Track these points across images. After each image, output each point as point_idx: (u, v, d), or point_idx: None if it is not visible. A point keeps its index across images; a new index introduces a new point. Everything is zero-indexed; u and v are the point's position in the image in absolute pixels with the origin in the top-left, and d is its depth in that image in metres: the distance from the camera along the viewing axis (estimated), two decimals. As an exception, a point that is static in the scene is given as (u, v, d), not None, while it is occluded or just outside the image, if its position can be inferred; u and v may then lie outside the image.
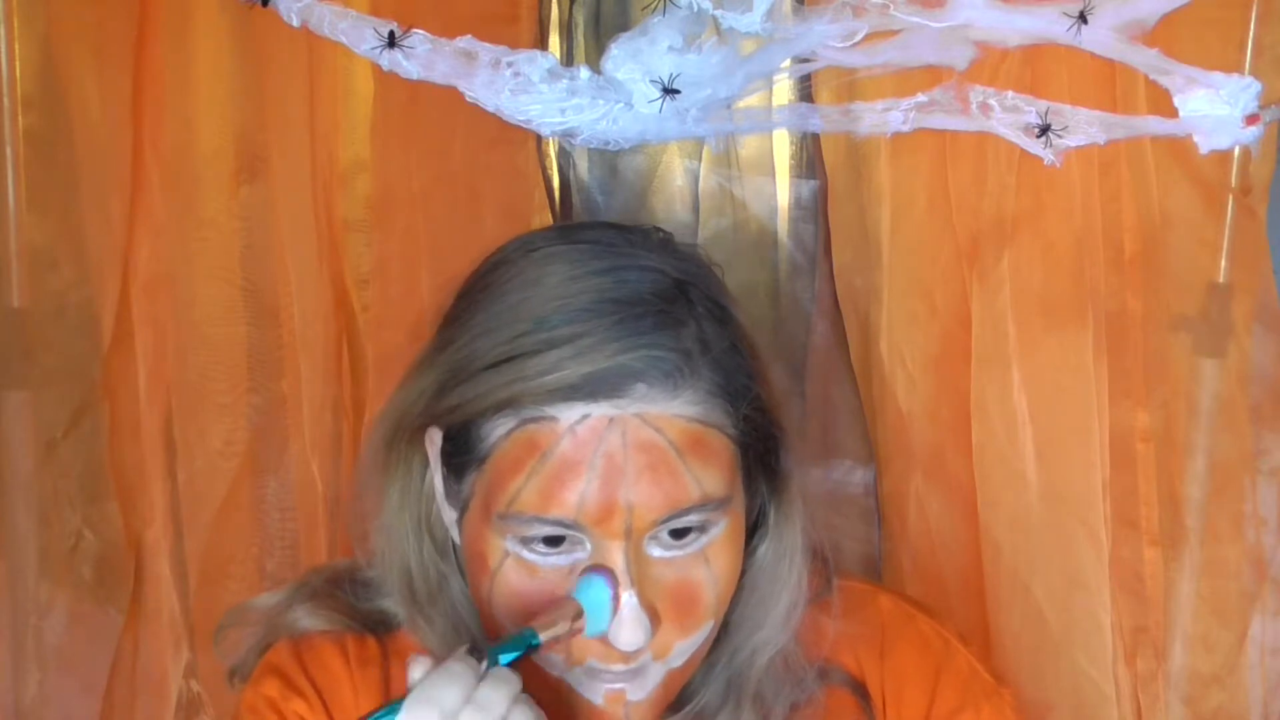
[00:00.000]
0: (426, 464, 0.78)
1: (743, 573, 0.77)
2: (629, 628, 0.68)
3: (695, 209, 1.25)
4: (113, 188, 1.14)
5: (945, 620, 0.85)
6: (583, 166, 1.24)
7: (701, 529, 0.70)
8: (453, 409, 0.72)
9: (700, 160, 1.24)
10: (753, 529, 0.77)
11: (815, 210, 1.23)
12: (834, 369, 1.24)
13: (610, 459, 0.67)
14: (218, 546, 1.21)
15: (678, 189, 1.25)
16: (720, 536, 0.71)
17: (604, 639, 0.69)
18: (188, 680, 1.21)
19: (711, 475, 0.69)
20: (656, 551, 0.70)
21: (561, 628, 0.68)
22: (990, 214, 1.13)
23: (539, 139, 1.18)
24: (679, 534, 0.70)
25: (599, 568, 0.69)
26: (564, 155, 1.23)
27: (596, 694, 0.72)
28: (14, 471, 1.17)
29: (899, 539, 1.20)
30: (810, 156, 1.23)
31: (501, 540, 0.71)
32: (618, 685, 0.72)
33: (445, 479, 0.76)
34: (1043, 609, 1.14)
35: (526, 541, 0.70)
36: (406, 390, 0.76)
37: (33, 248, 1.16)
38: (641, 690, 0.72)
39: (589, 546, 0.70)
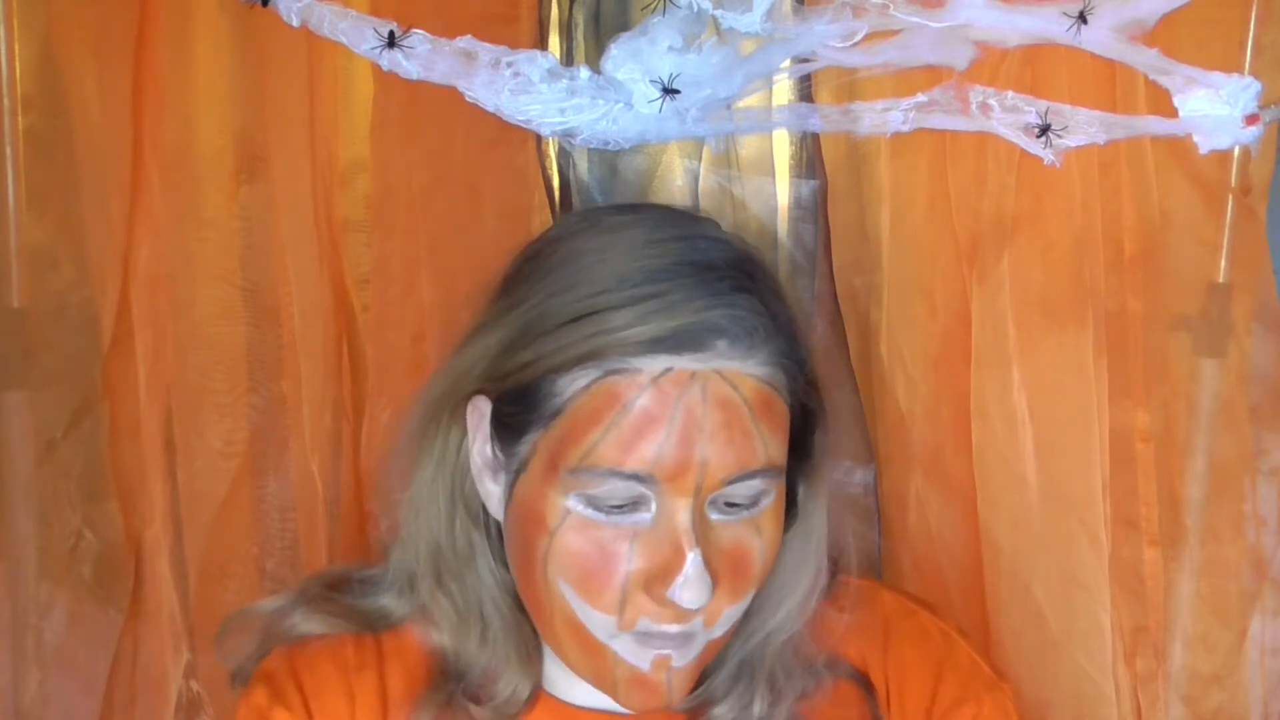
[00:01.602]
0: (464, 436, 0.78)
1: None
2: (694, 586, 0.69)
3: (695, 209, 1.25)
4: (113, 188, 1.14)
5: (946, 615, 0.85)
6: (583, 166, 1.24)
7: (756, 501, 0.72)
8: (525, 365, 0.72)
9: (700, 160, 1.24)
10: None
11: (815, 210, 1.23)
12: (834, 369, 1.24)
13: (690, 413, 0.69)
14: (218, 546, 1.21)
15: (678, 189, 1.25)
16: (769, 506, 0.73)
17: (664, 599, 0.70)
18: (188, 680, 1.21)
19: (777, 440, 0.72)
20: (715, 516, 0.72)
21: None
22: (990, 214, 1.13)
23: (539, 139, 1.18)
24: (735, 503, 0.71)
25: None
26: (564, 155, 1.23)
27: (645, 660, 0.73)
28: (14, 471, 1.17)
29: (899, 539, 1.20)
30: (810, 156, 1.22)
31: (564, 499, 0.71)
32: (665, 650, 0.72)
33: (494, 445, 0.76)
34: (1043, 609, 1.14)
35: (593, 500, 0.71)
36: (465, 353, 0.77)
37: (33, 248, 1.16)
38: (686, 657, 0.73)
39: (654, 508, 0.71)
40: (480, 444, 0.77)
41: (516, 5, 1.15)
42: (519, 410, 0.74)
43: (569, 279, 0.73)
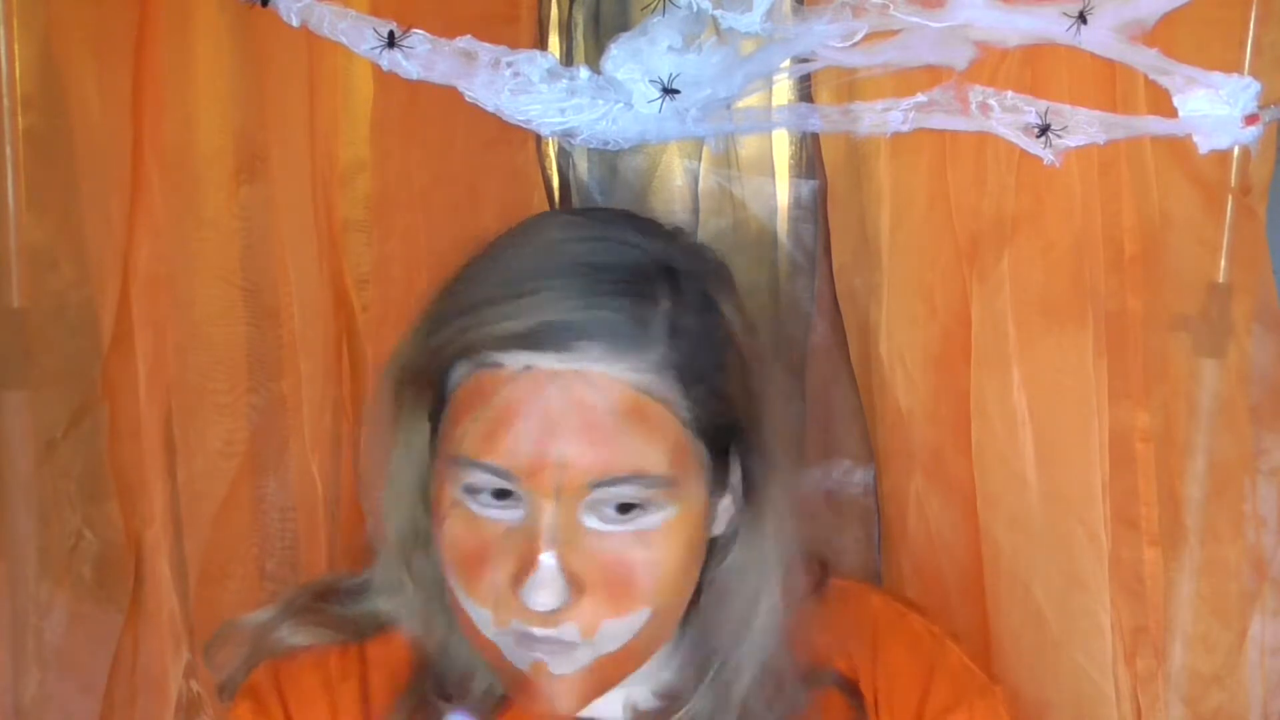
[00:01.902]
0: (428, 426, 0.78)
1: (715, 579, 0.77)
2: (542, 587, 0.68)
3: (695, 209, 1.25)
4: (113, 188, 1.14)
5: (937, 618, 0.85)
6: (583, 166, 1.24)
7: (642, 508, 0.70)
8: (431, 354, 0.74)
9: (700, 160, 1.24)
10: (732, 536, 0.77)
11: (815, 210, 1.23)
12: (834, 369, 1.24)
13: (546, 412, 0.68)
14: (218, 546, 1.21)
15: (677, 189, 1.25)
16: (665, 523, 0.71)
17: (522, 599, 0.70)
18: (188, 680, 1.21)
19: (652, 449, 0.69)
20: (593, 523, 0.70)
21: None
22: (990, 214, 1.12)
23: (539, 139, 1.18)
24: (624, 509, 0.70)
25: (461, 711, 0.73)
26: (564, 155, 1.23)
27: (524, 662, 0.72)
28: (14, 471, 1.17)
29: (899, 539, 1.20)
30: (810, 156, 1.22)
31: (453, 490, 0.72)
32: (540, 656, 0.71)
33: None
34: (1043, 609, 1.14)
35: (472, 491, 0.71)
36: (402, 342, 0.78)
37: (33, 248, 1.16)
38: (566, 666, 0.72)
39: (524, 505, 0.70)
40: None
41: (516, 5, 1.15)
42: (433, 398, 0.75)
43: (476, 272, 0.74)
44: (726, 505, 0.77)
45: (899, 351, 1.18)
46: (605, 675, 0.74)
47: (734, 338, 0.74)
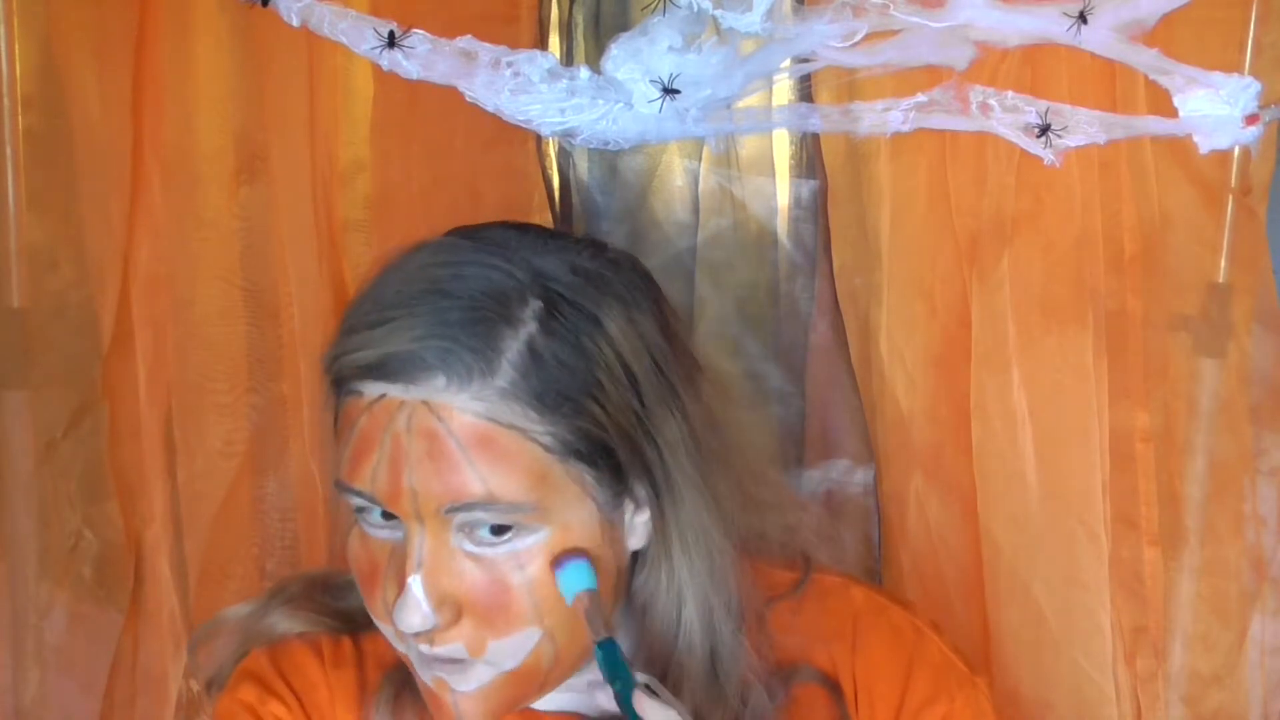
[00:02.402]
0: None
1: (633, 594, 0.77)
2: (404, 609, 0.70)
3: (695, 209, 1.25)
4: (113, 188, 1.14)
5: (918, 610, 0.84)
6: (583, 166, 1.24)
7: (515, 533, 0.70)
8: (323, 377, 0.76)
9: (700, 160, 1.24)
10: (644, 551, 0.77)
11: (815, 210, 1.23)
12: (834, 369, 1.24)
13: (396, 440, 0.70)
14: (218, 546, 1.21)
15: (678, 189, 1.25)
16: (538, 545, 0.71)
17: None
18: (188, 680, 1.21)
19: (502, 476, 0.69)
20: (467, 546, 0.71)
21: (594, 616, 0.71)
22: (990, 214, 1.13)
23: (539, 139, 1.18)
24: (498, 531, 0.70)
25: (572, 551, 0.71)
26: (564, 155, 1.23)
27: (428, 678, 0.73)
28: (14, 471, 1.17)
29: (899, 539, 1.20)
30: (810, 156, 1.23)
31: (350, 510, 0.74)
32: (439, 674, 0.73)
33: None
34: (1043, 609, 1.14)
35: (360, 511, 0.73)
36: None
37: (33, 248, 1.16)
38: (466, 684, 0.72)
39: (402, 528, 0.71)
40: None
41: (516, 5, 1.15)
42: None
43: (358, 298, 0.75)
44: (644, 520, 0.76)
45: (899, 351, 1.18)
46: (511, 694, 0.74)
47: (620, 356, 0.73)
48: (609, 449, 0.72)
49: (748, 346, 1.26)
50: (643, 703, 0.70)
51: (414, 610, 0.69)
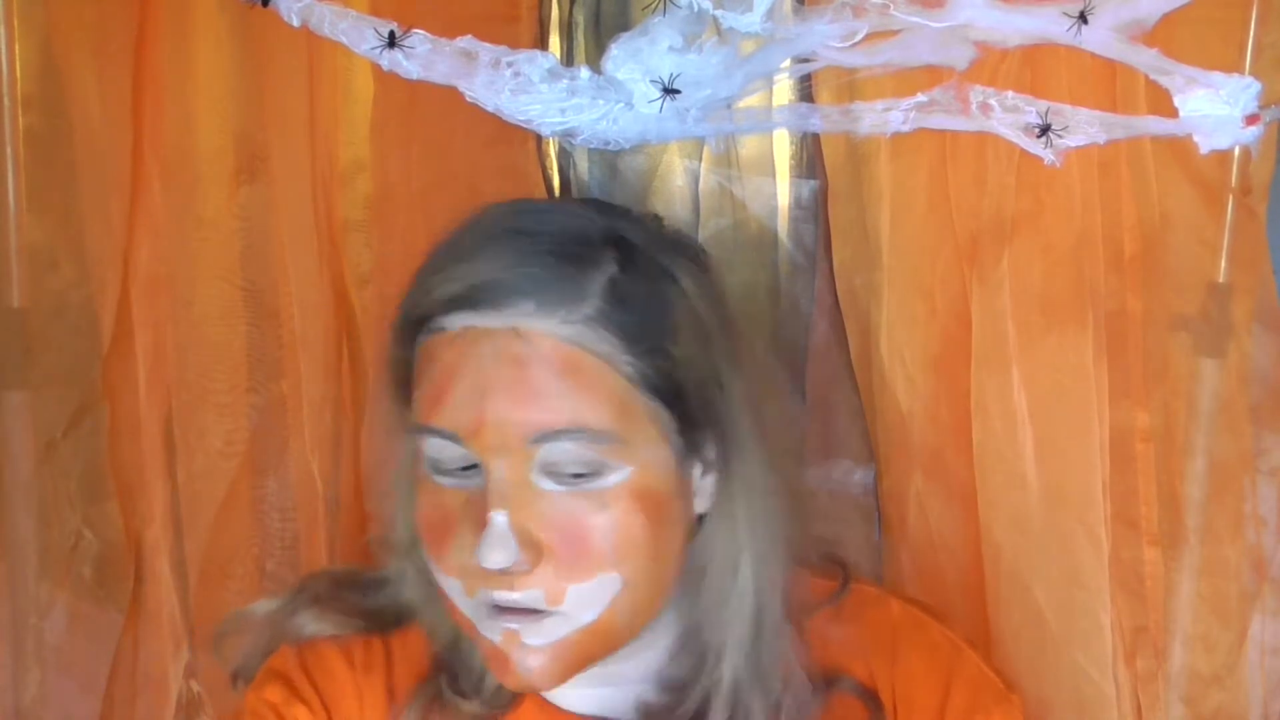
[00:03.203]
0: None
1: (691, 556, 0.77)
2: (490, 545, 0.68)
3: (695, 209, 1.25)
4: (113, 188, 1.14)
5: (954, 626, 0.85)
6: (583, 166, 1.24)
7: (595, 471, 0.70)
8: (397, 334, 0.76)
9: (700, 160, 1.24)
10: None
11: (815, 210, 1.23)
12: (834, 369, 1.24)
13: (481, 369, 0.69)
14: (218, 546, 1.21)
15: (678, 189, 1.25)
16: (621, 484, 0.71)
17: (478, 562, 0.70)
18: (188, 680, 1.21)
19: (589, 403, 0.70)
20: (548, 485, 0.70)
21: None
22: (990, 214, 1.12)
23: (539, 139, 1.18)
24: (573, 474, 0.70)
25: None
26: (564, 155, 1.23)
27: (495, 632, 0.72)
28: (14, 471, 1.17)
29: (899, 539, 1.20)
30: (810, 156, 1.23)
31: (421, 464, 0.73)
32: (512, 625, 0.71)
33: None
34: (1043, 609, 1.14)
35: (434, 464, 0.72)
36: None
37: (33, 248, 1.16)
38: (538, 637, 0.71)
39: (481, 471, 0.71)
40: None
41: (516, 5, 1.15)
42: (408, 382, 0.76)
43: (433, 254, 0.76)
44: (709, 482, 0.77)
45: (899, 351, 1.18)
46: (582, 652, 0.73)
47: (693, 309, 0.74)
48: (683, 396, 0.73)
49: (748, 346, 1.26)
50: None
51: (499, 545, 0.68)
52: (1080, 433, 1.12)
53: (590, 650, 0.73)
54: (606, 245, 0.73)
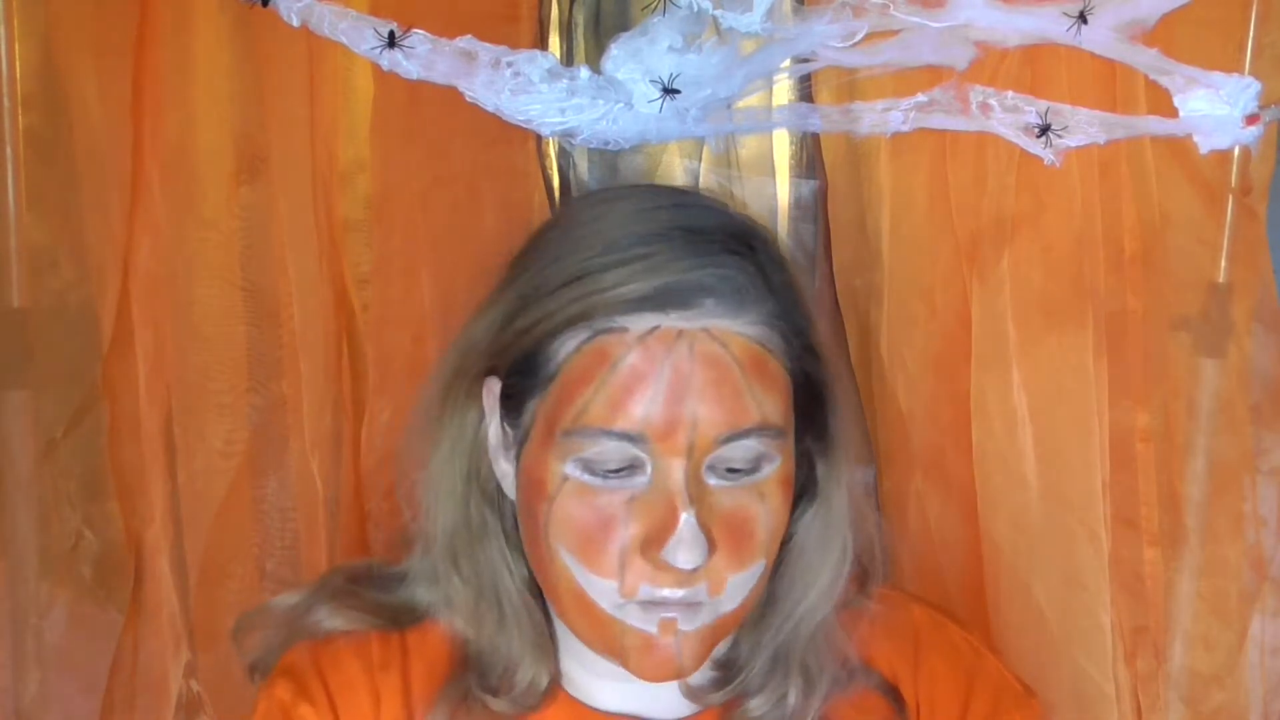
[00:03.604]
0: (481, 417, 0.79)
1: (789, 537, 0.78)
2: (687, 545, 0.69)
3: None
4: (113, 188, 1.14)
5: (973, 630, 0.85)
6: (583, 166, 1.24)
7: (756, 465, 0.72)
8: (524, 331, 0.74)
9: (700, 160, 1.24)
10: (799, 496, 0.78)
11: (815, 210, 1.23)
12: (833, 368, 1.23)
13: (677, 370, 0.69)
14: (218, 546, 1.20)
15: (678, 189, 1.25)
16: (774, 474, 0.73)
17: (660, 562, 0.70)
18: (188, 680, 1.21)
19: (771, 401, 0.72)
20: (713, 481, 0.71)
21: None
22: (990, 214, 1.12)
23: (539, 139, 1.18)
24: (735, 468, 0.71)
25: None
26: (564, 155, 1.23)
27: (651, 624, 0.72)
28: (14, 471, 1.17)
29: (899, 539, 1.20)
30: (810, 156, 1.23)
31: (562, 465, 0.72)
32: (671, 614, 0.72)
33: (503, 419, 0.77)
34: (1043, 609, 1.14)
35: (588, 465, 0.71)
36: (471, 328, 0.78)
37: (33, 248, 1.16)
38: (694, 622, 0.72)
39: (649, 471, 0.71)
40: (494, 425, 0.78)
41: (516, 5, 1.15)
42: (520, 379, 0.75)
43: (563, 249, 0.74)
44: (796, 474, 0.78)
45: (899, 351, 1.18)
46: (721, 634, 0.75)
47: (806, 294, 0.77)
48: (810, 385, 0.76)
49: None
50: None
51: (693, 544, 0.69)
52: (1080, 433, 1.12)
53: (725, 633, 0.75)
54: (746, 238, 0.74)
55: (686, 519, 0.69)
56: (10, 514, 1.17)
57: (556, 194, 1.23)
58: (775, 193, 1.25)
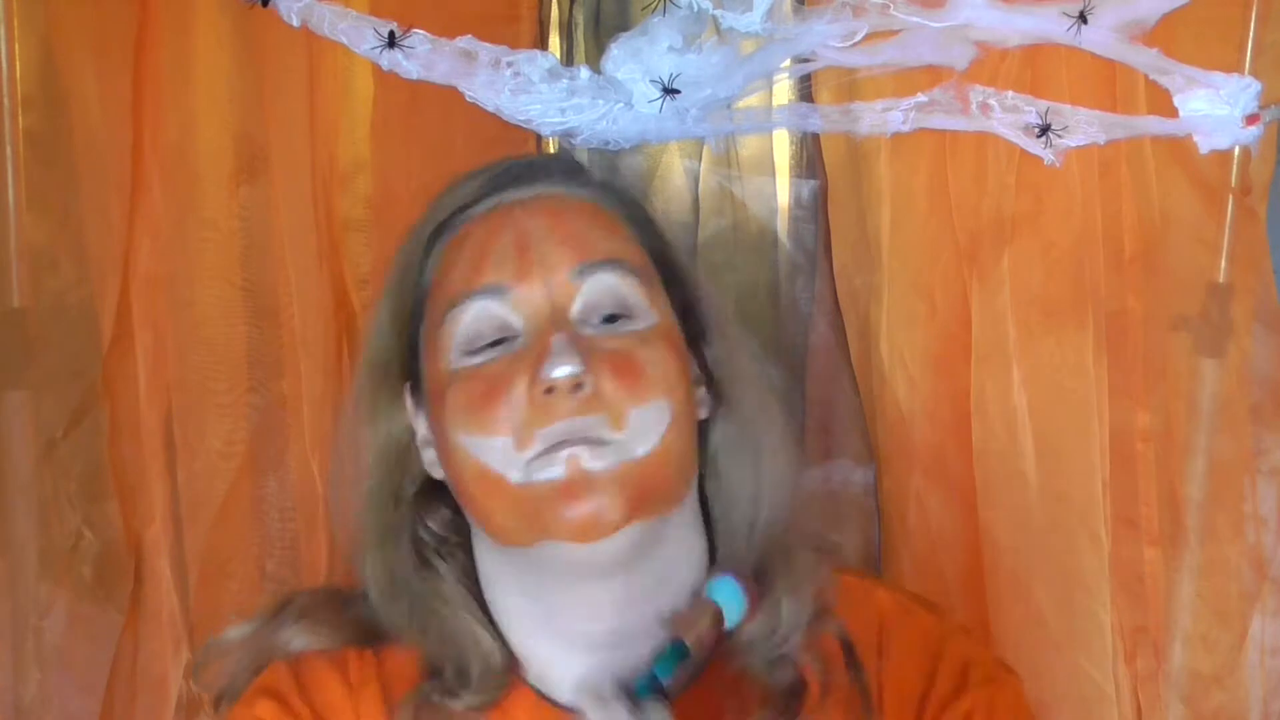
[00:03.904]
0: (401, 429, 0.80)
1: (711, 460, 0.79)
2: (559, 355, 0.70)
3: (695, 209, 1.25)
4: (113, 188, 1.14)
5: (945, 614, 0.84)
6: (583, 166, 1.24)
7: (627, 310, 0.74)
8: (400, 279, 0.79)
9: (700, 160, 1.24)
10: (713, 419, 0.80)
11: (815, 210, 1.23)
12: (834, 369, 1.24)
13: (519, 225, 0.75)
14: (218, 546, 1.20)
15: (678, 189, 1.25)
16: (652, 327, 0.75)
17: (542, 398, 0.71)
18: (188, 680, 1.21)
19: (618, 242, 0.76)
20: (590, 330, 0.73)
21: (703, 626, 0.71)
22: (990, 214, 1.13)
23: (539, 139, 1.18)
24: (610, 319, 0.74)
25: (725, 571, 0.74)
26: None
27: (557, 467, 0.71)
28: (14, 471, 1.17)
29: (899, 539, 1.20)
30: (810, 156, 1.23)
31: (448, 362, 0.74)
32: (573, 449, 0.71)
33: (418, 408, 0.79)
34: (1043, 609, 1.14)
35: (467, 345, 0.74)
36: (369, 338, 0.82)
37: (33, 248, 1.16)
38: (599, 460, 0.71)
39: (521, 331, 0.73)
40: (420, 425, 0.79)
41: (516, 5, 1.15)
42: (412, 328, 0.78)
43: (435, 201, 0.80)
44: (702, 395, 0.79)
45: (899, 351, 1.18)
46: (643, 484, 0.72)
47: (666, 229, 0.81)
48: (678, 283, 0.79)
49: (748, 346, 1.26)
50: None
51: (565, 353, 0.70)
52: (1080, 432, 1.12)
53: (649, 485, 0.73)
54: (591, 172, 0.81)
55: (557, 337, 0.71)
56: (10, 514, 1.17)
57: (556, 194, 1.22)
58: (775, 193, 1.25)
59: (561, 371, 0.70)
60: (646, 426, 0.72)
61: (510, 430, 0.71)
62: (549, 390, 0.70)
